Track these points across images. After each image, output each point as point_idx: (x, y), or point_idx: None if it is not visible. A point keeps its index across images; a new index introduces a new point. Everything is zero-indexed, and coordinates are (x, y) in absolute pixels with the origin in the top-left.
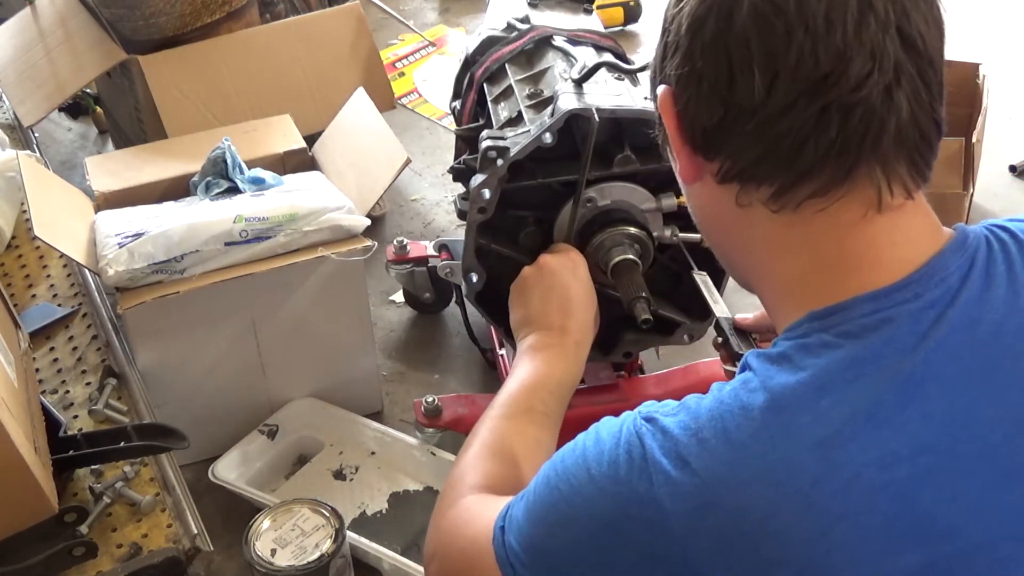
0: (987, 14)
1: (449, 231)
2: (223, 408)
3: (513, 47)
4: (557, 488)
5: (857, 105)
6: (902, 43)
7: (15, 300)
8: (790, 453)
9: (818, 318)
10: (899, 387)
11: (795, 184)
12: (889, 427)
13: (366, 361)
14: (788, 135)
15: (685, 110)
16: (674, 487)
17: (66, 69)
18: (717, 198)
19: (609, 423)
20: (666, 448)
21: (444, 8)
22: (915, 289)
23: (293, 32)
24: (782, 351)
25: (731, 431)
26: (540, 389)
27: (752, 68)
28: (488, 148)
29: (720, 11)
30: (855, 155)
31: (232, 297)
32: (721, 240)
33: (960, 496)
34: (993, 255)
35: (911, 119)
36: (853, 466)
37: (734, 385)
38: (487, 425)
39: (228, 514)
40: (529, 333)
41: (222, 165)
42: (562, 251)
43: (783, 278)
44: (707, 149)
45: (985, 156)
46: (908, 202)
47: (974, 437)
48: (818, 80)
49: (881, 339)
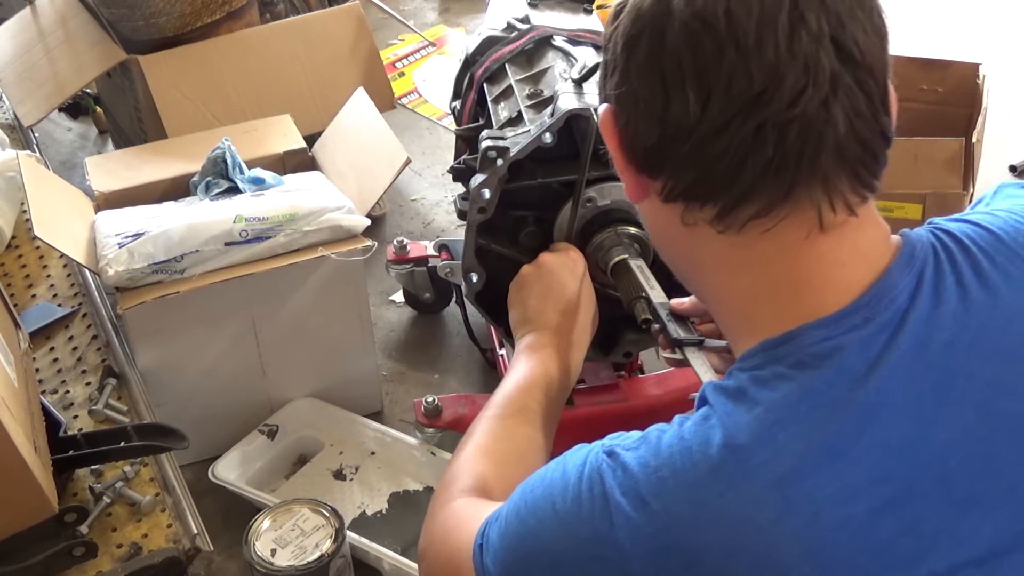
0: (987, 14)
1: (449, 231)
2: (223, 408)
3: (513, 47)
4: (525, 521)
5: (793, 121)
6: (838, 54)
7: (15, 300)
8: (749, 492)
9: (771, 347)
10: (854, 417)
11: (736, 205)
12: (846, 459)
13: (366, 361)
14: (725, 155)
15: (625, 130)
16: (634, 528)
17: (66, 69)
18: (665, 216)
19: (576, 454)
20: (626, 487)
21: (444, 8)
22: (864, 313)
23: (293, 32)
24: (738, 385)
25: (690, 470)
26: (536, 389)
27: (685, 88)
28: (488, 148)
29: (652, 30)
30: (794, 173)
31: (232, 297)
32: (673, 257)
33: (920, 525)
34: (941, 268)
35: (851, 132)
36: (812, 503)
37: (694, 420)
38: (482, 426)
39: (228, 514)
40: (527, 332)
41: (222, 165)
42: (562, 250)
43: (734, 299)
44: (649, 168)
45: (985, 156)
46: (852, 218)
47: (931, 462)
48: (752, 98)
49: (833, 368)
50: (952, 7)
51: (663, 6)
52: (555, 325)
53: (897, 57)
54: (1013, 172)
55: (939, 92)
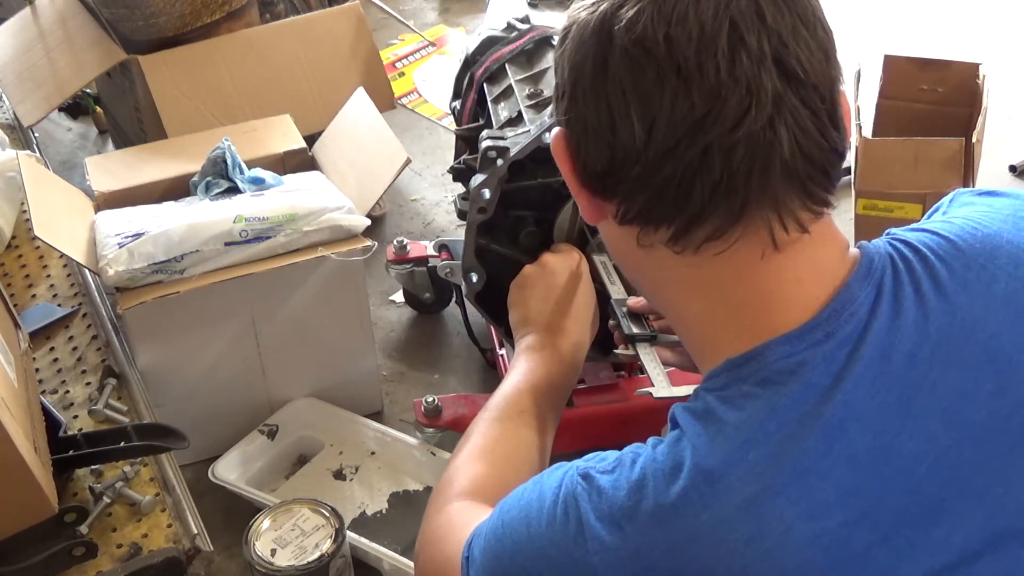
0: (987, 14)
1: (449, 231)
2: (223, 408)
3: (513, 47)
4: (503, 541)
5: (738, 144)
6: (780, 74)
7: (15, 300)
8: (721, 513)
9: (735, 366)
10: (820, 432)
11: (689, 227)
12: (815, 475)
13: (366, 361)
14: (673, 179)
15: (577, 154)
16: (608, 553)
17: (66, 69)
18: (622, 238)
19: (552, 475)
20: (600, 511)
21: (444, 8)
22: (826, 328)
23: (293, 32)
24: (706, 406)
25: (662, 493)
26: (535, 391)
27: (630, 114)
28: (488, 148)
29: (595, 58)
30: (743, 194)
31: (232, 297)
32: (635, 276)
33: (892, 536)
34: (899, 278)
35: (798, 150)
36: (784, 520)
37: (666, 443)
38: (480, 428)
39: (228, 514)
40: (528, 333)
41: (222, 165)
42: (564, 251)
43: (695, 318)
44: (603, 191)
45: (985, 156)
46: (806, 236)
47: (899, 473)
48: (695, 122)
49: (799, 384)
50: (952, 7)
51: (604, 33)
52: (556, 326)
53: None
54: (1013, 172)
55: (939, 92)
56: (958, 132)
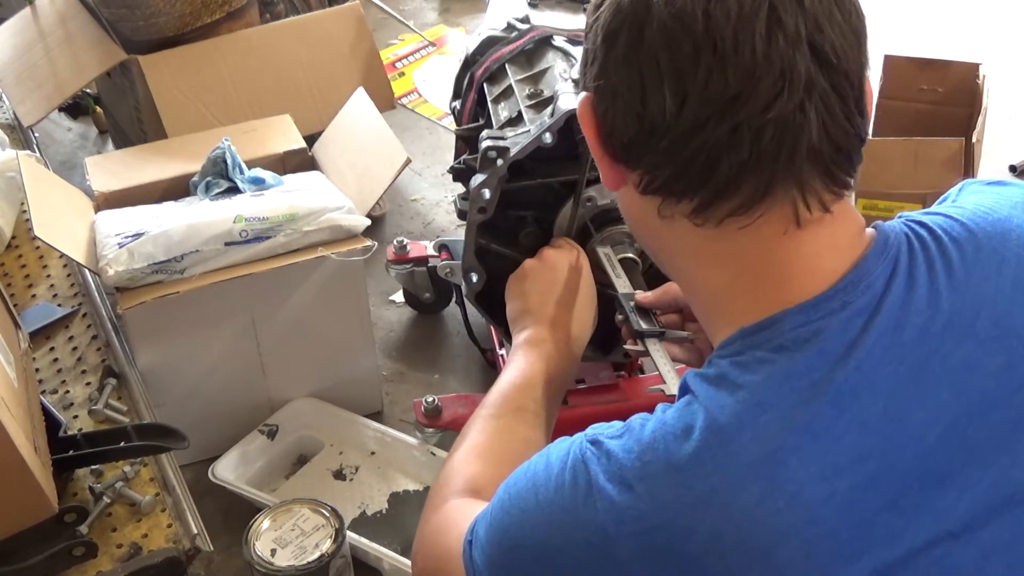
0: (987, 14)
1: (449, 231)
2: (223, 408)
3: (513, 47)
4: (509, 512)
5: (768, 124)
6: (814, 58)
7: (15, 300)
8: (733, 473)
9: (750, 334)
10: (834, 397)
11: (713, 202)
12: (827, 438)
13: (366, 361)
14: (700, 153)
15: (603, 121)
16: (618, 512)
17: (66, 69)
18: (641, 207)
19: (559, 445)
20: (610, 472)
21: (444, 8)
22: (842, 298)
23: (293, 32)
24: (719, 371)
25: (673, 453)
26: (533, 387)
27: (662, 87)
28: (488, 148)
29: (631, 26)
30: (770, 173)
31: (232, 297)
32: (651, 245)
33: (900, 501)
34: (914, 256)
35: (825, 135)
36: (796, 481)
37: (676, 407)
38: (477, 425)
39: (228, 514)
40: (526, 326)
41: (222, 165)
42: (564, 246)
43: (711, 289)
44: (626, 160)
45: (985, 156)
46: (827, 215)
47: (910, 440)
48: (727, 100)
49: (813, 351)
50: (952, 7)
51: (643, 4)
52: (555, 319)
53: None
54: (1013, 172)
55: (939, 92)
56: (958, 132)
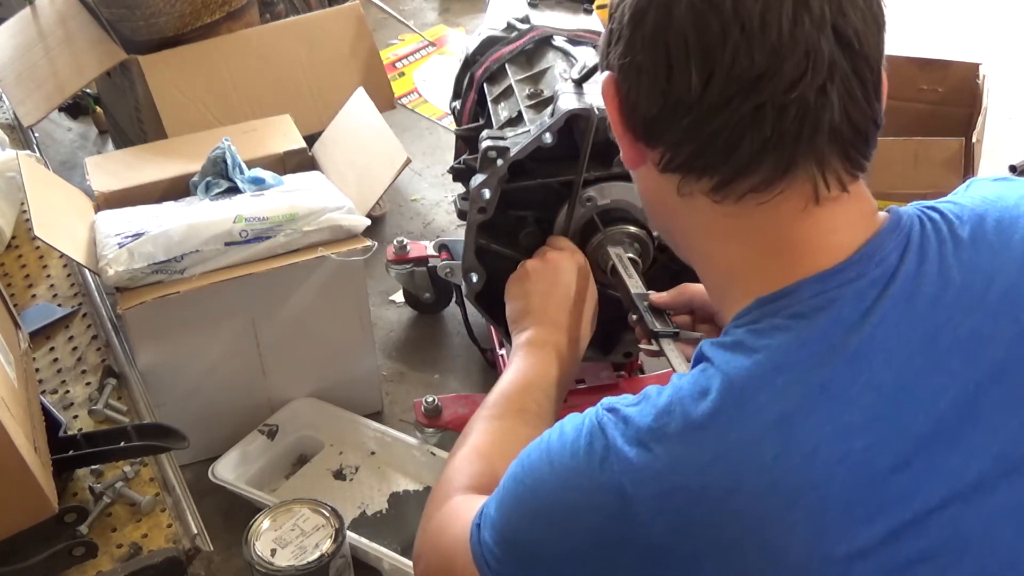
0: (987, 14)
1: (449, 231)
2: (223, 408)
3: (513, 47)
4: (523, 482)
5: (791, 104)
6: (837, 41)
7: (15, 300)
8: (750, 431)
9: (767, 303)
10: (849, 361)
11: (734, 178)
12: (843, 400)
13: (366, 361)
14: (723, 131)
15: (627, 98)
16: (636, 473)
17: (66, 69)
18: (660, 185)
19: (573, 418)
20: (628, 435)
21: (444, 8)
22: (857, 269)
23: (293, 32)
24: (735, 338)
25: (690, 414)
26: (534, 388)
27: (689, 64)
28: (488, 148)
29: (660, 5)
30: (791, 151)
31: (232, 297)
32: (666, 224)
33: (913, 462)
34: (926, 233)
35: (844, 116)
36: (811, 440)
37: (691, 374)
38: (478, 426)
39: (228, 514)
40: (528, 327)
41: (222, 165)
42: (566, 247)
43: (728, 263)
44: (648, 138)
45: (985, 156)
46: (844, 194)
47: (921, 405)
48: (752, 79)
49: (829, 318)
50: (952, 7)
51: None
52: (557, 321)
53: (897, 57)
54: (1013, 172)
55: (939, 92)
56: (958, 132)
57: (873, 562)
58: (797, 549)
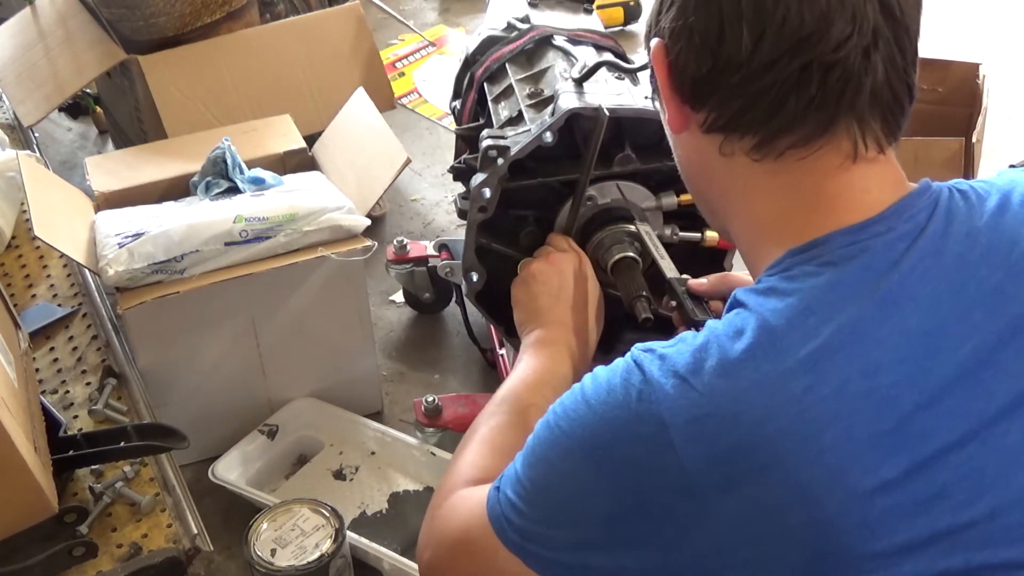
0: (987, 14)
1: (449, 231)
2: (223, 408)
3: (513, 47)
4: (557, 426)
5: (836, 64)
6: (881, 9)
7: (15, 300)
8: (782, 364)
9: (798, 252)
10: (878, 305)
11: (776, 135)
12: (871, 340)
13: (366, 361)
14: (771, 89)
15: (676, 61)
16: (672, 401)
17: (66, 69)
18: (702, 147)
19: (603, 367)
20: (664, 369)
21: (444, 8)
22: (888, 223)
23: (293, 32)
24: (768, 285)
25: (726, 350)
26: (543, 386)
27: (741, 24)
28: (489, 147)
29: None
30: (833, 110)
31: (232, 297)
32: (703, 187)
33: (935, 402)
34: (954, 199)
35: (886, 81)
36: (840, 374)
37: (726, 317)
38: (486, 421)
39: (228, 514)
40: (535, 328)
41: (222, 165)
42: (568, 248)
43: (762, 220)
44: (695, 99)
45: (985, 156)
46: (880, 156)
47: (945, 349)
48: (801, 39)
49: (859, 265)
50: (952, 7)
51: None
52: (565, 320)
53: None
54: None
55: (939, 92)
56: (958, 132)
57: (895, 496)
58: (822, 479)
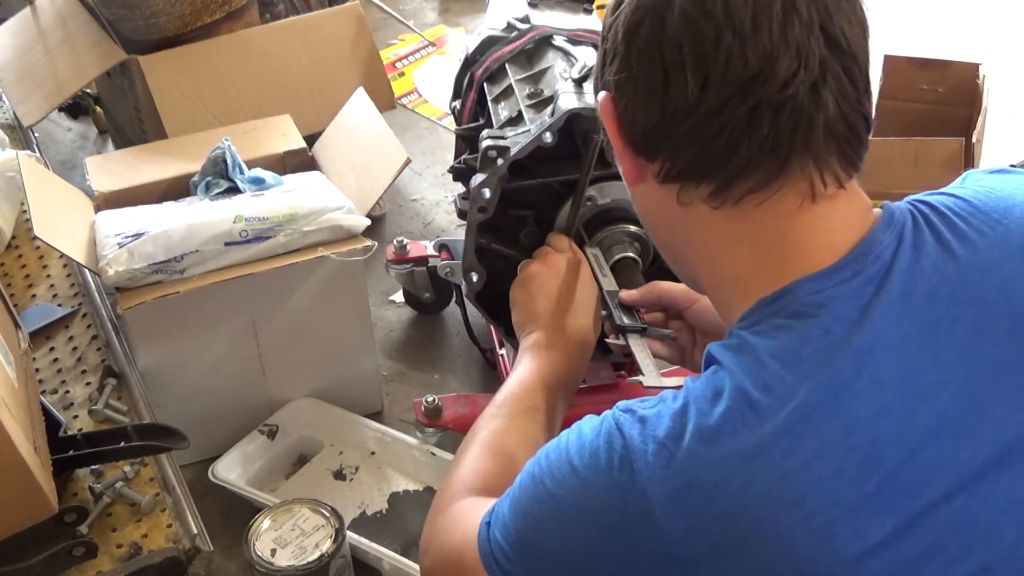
0: (987, 14)
1: (449, 231)
2: (223, 408)
3: (513, 47)
4: (542, 482)
5: (786, 103)
6: (826, 42)
7: (15, 300)
8: (761, 429)
9: (767, 304)
10: (851, 357)
11: (732, 181)
12: (847, 395)
13: (366, 361)
14: (722, 133)
15: (624, 114)
16: (653, 471)
17: (66, 69)
18: (660, 198)
19: (591, 419)
20: (645, 435)
21: (444, 8)
22: (853, 268)
23: (293, 32)
24: (741, 340)
25: (705, 414)
26: (542, 388)
27: (685, 71)
28: (488, 147)
29: (653, 17)
30: (787, 150)
31: (232, 297)
32: (667, 238)
33: (919, 455)
34: (919, 228)
35: (839, 114)
36: (820, 436)
37: (704, 376)
38: (486, 424)
39: (228, 514)
40: (533, 330)
41: (222, 165)
42: (567, 249)
43: (728, 269)
44: (647, 150)
45: (985, 156)
46: (840, 191)
47: (924, 398)
48: (747, 80)
49: (829, 315)
50: (952, 7)
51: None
52: (563, 322)
53: (897, 57)
54: None
55: (939, 92)
56: (958, 132)
57: (883, 559)
58: (808, 546)
